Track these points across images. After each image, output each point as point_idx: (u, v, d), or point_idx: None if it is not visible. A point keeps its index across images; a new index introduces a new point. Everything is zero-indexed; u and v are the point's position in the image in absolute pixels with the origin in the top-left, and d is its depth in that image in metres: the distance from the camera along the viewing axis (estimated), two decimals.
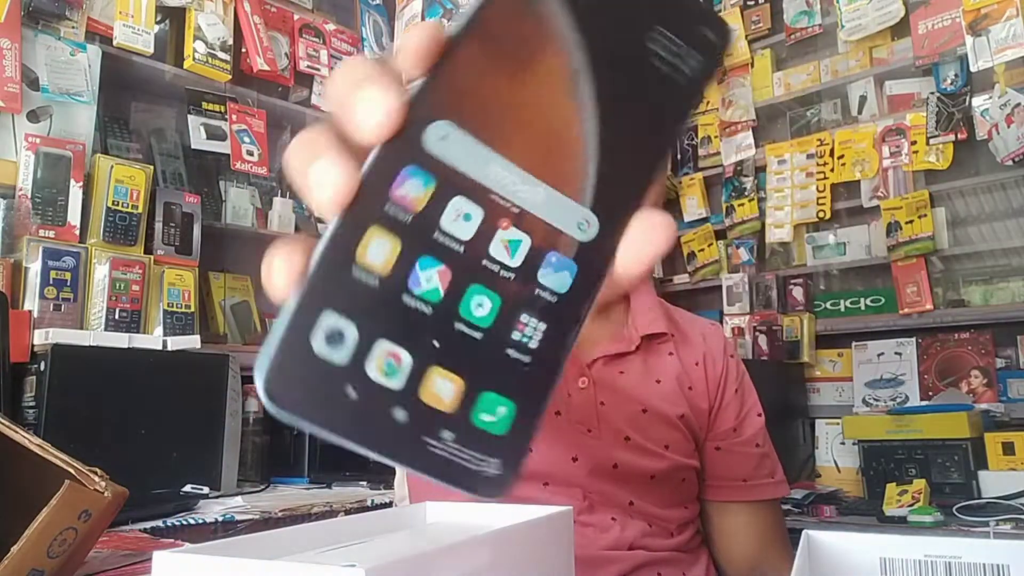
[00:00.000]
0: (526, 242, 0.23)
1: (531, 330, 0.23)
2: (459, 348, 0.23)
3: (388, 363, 0.22)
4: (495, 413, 0.23)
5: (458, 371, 0.23)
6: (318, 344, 0.21)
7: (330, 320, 0.21)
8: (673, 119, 0.26)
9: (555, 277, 0.24)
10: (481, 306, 0.23)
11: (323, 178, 0.22)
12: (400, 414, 0.22)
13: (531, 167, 0.23)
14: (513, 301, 0.23)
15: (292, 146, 0.24)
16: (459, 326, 0.23)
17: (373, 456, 0.22)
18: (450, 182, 0.22)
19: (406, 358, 0.22)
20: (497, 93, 0.23)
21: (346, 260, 0.21)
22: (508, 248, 0.23)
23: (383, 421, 0.22)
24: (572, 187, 0.24)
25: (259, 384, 0.21)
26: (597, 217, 0.24)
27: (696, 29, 0.25)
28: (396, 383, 0.22)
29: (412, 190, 0.22)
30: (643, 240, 0.25)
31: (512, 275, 0.23)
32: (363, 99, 0.22)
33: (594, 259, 0.24)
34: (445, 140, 0.22)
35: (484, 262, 0.23)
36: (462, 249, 0.22)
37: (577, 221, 0.24)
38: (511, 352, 0.23)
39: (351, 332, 0.21)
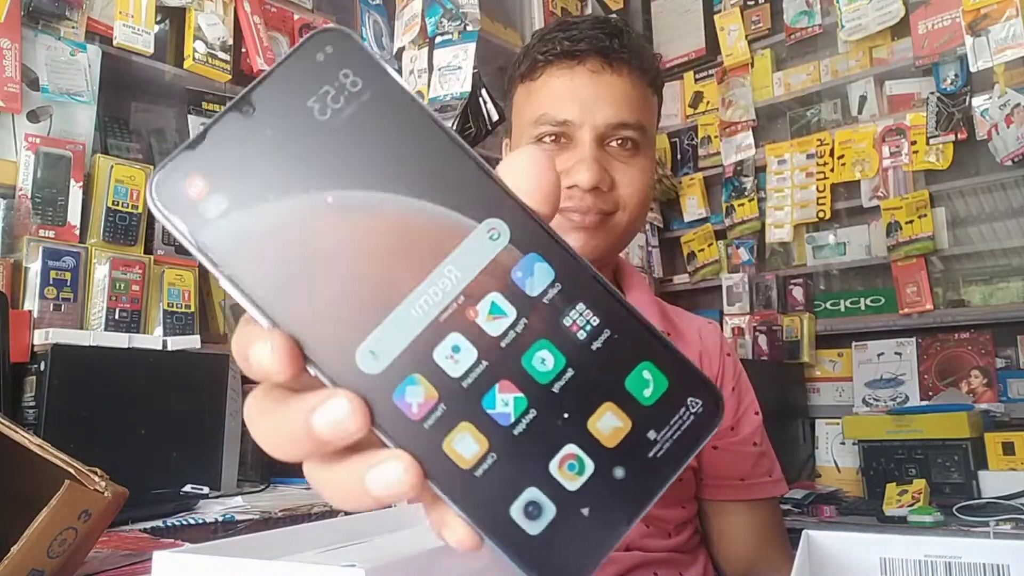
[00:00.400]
0: (495, 296, 0.23)
1: (581, 319, 0.23)
2: (578, 395, 0.23)
3: (571, 466, 0.22)
4: (648, 383, 0.23)
5: (599, 404, 0.23)
6: (535, 529, 0.22)
7: (516, 511, 0.22)
8: (408, 106, 0.24)
9: (537, 277, 0.23)
10: (544, 361, 0.23)
11: (390, 487, 0.22)
12: (619, 473, 0.22)
13: (424, 271, 0.23)
14: (548, 328, 0.23)
15: (332, 499, 0.24)
16: (556, 387, 0.23)
17: (643, 513, 0.23)
18: (419, 353, 0.22)
19: (573, 449, 0.22)
20: (346, 289, 0.22)
21: (467, 479, 0.22)
22: (495, 315, 0.23)
23: (620, 491, 0.22)
24: (455, 236, 0.23)
25: None
26: (493, 218, 0.23)
27: (310, 64, 0.24)
28: (591, 466, 0.22)
29: (416, 397, 0.22)
30: (524, 180, 0.24)
31: (524, 319, 0.23)
32: (325, 429, 0.22)
33: (531, 235, 0.23)
34: (375, 352, 0.22)
35: (503, 344, 0.23)
36: (486, 363, 0.22)
37: (489, 238, 0.23)
38: (594, 345, 0.23)
39: (534, 494, 0.22)
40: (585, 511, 0.22)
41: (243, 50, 1.86)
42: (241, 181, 0.23)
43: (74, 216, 1.51)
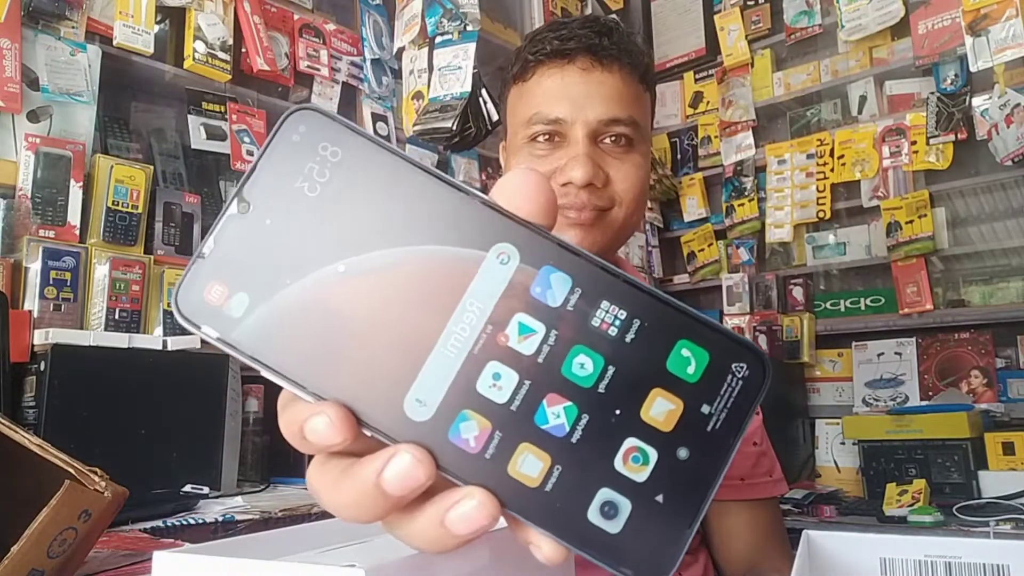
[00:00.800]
0: (521, 316, 0.23)
1: (609, 315, 0.24)
2: (625, 389, 0.23)
3: (635, 459, 0.23)
4: (689, 360, 0.23)
5: (647, 392, 0.23)
6: (615, 528, 0.22)
7: (594, 515, 0.22)
8: (389, 159, 0.25)
9: (556, 287, 0.24)
10: (584, 366, 0.23)
11: (471, 523, 0.22)
12: (683, 454, 0.23)
13: (448, 310, 0.23)
14: (579, 333, 0.23)
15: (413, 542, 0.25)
16: (602, 387, 0.23)
17: (717, 485, 0.23)
18: (463, 390, 0.23)
19: (633, 441, 0.23)
20: (380, 347, 0.23)
21: (539, 496, 0.22)
22: (525, 334, 0.23)
23: (688, 471, 0.23)
24: (468, 269, 0.23)
25: None
26: (499, 243, 0.24)
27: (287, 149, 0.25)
28: (654, 454, 0.23)
29: (471, 432, 0.23)
30: (519, 199, 0.25)
31: (554, 330, 0.23)
32: (396, 486, 0.22)
33: (539, 249, 0.24)
34: (421, 400, 0.23)
35: (540, 360, 0.23)
36: (529, 382, 0.23)
37: (500, 263, 0.24)
38: (628, 337, 0.23)
39: (607, 494, 0.22)
40: (659, 498, 0.22)
41: (243, 50, 1.86)
42: (256, 275, 0.24)
43: (74, 216, 1.51)
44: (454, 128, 1.86)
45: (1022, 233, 2.13)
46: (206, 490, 1.39)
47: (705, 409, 0.23)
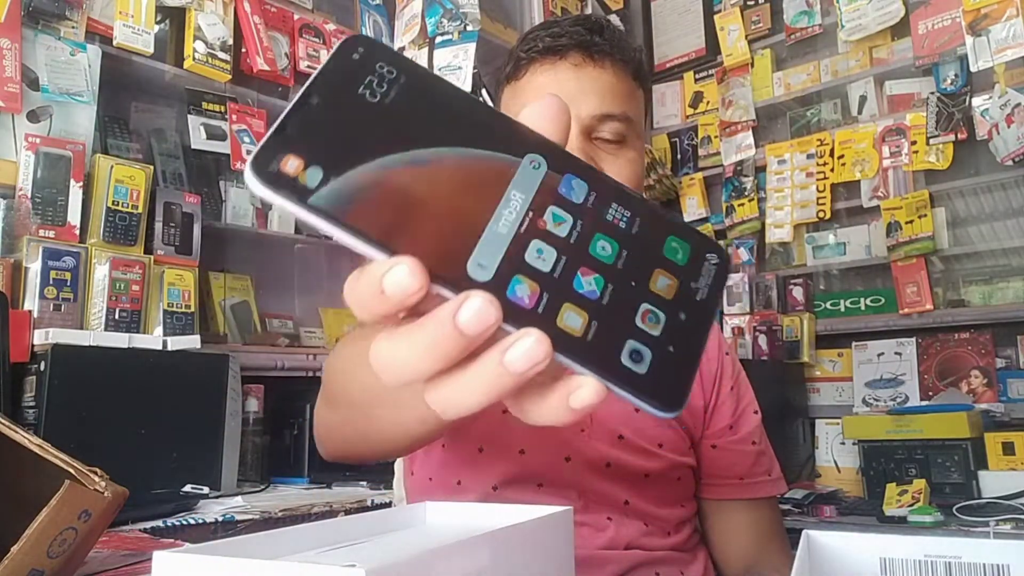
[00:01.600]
0: (553, 208, 0.28)
1: (618, 213, 0.29)
2: (636, 267, 0.29)
3: (650, 319, 0.28)
4: (677, 249, 0.30)
5: (652, 270, 0.29)
6: (642, 369, 0.27)
7: (626, 359, 0.27)
8: (437, 81, 0.29)
9: (576, 190, 0.29)
10: (605, 248, 0.29)
11: (529, 358, 0.26)
12: (682, 316, 0.29)
13: (496, 197, 0.28)
14: (598, 224, 0.29)
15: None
16: (620, 265, 0.28)
17: (707, 338, 0.29)
18: (515, 259, 0.27)
19: (647, 305, 0.28)
20: (443, 219, 0.27)
21: (583, 343, 0.27)
22: (558, 222, 0.28)
23: (688, 328, 0.29)
24: (509, 169, 0.28)
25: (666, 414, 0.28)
26: (531, 153, 0.29)
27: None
28: (663, 316, 0.28)
29: (525, 292, 0.27)
30: (542, 121, 0.30)
31: (580, 221, 0.29)
32: (471, 322, 0.25)
33: (562, 160, 0.29)
34: (482, 264, 0.27)
35: (572, 241, 0.28)
36: (565, 257, 0.28)
37: (532, 168, 0.29)
38: (634, 230, 0.29)
39: (633, 344, 0.27)
40: (671, 348, 0.28)
41: (243, 50, 1.86)
42: (329, 153, 0.27)
43: (74, 216, 1.51)
44: None
45: (1022, 233, 2.13)
46: (206, 490, 1.39)
47: (693, 285, 0.29)
